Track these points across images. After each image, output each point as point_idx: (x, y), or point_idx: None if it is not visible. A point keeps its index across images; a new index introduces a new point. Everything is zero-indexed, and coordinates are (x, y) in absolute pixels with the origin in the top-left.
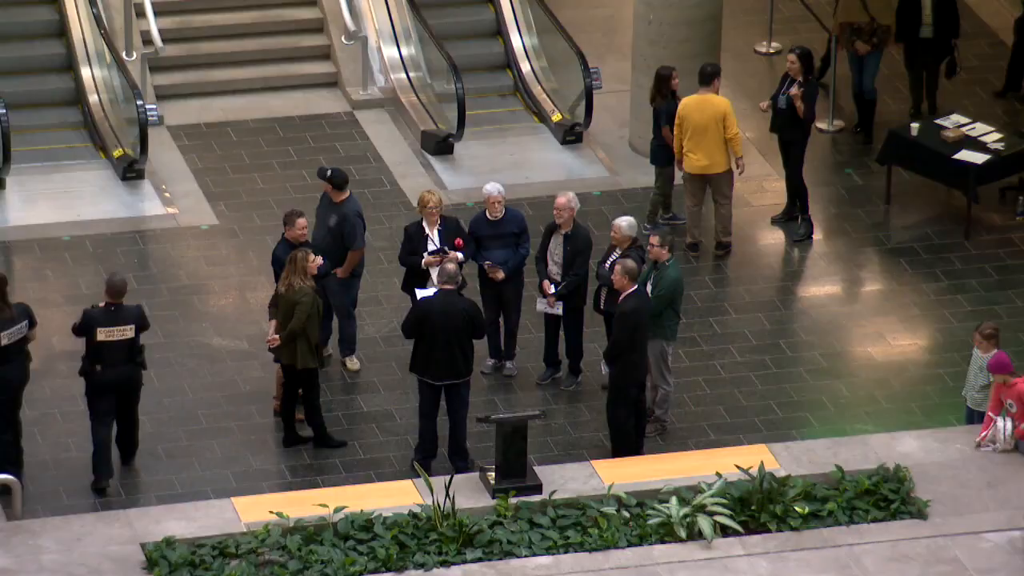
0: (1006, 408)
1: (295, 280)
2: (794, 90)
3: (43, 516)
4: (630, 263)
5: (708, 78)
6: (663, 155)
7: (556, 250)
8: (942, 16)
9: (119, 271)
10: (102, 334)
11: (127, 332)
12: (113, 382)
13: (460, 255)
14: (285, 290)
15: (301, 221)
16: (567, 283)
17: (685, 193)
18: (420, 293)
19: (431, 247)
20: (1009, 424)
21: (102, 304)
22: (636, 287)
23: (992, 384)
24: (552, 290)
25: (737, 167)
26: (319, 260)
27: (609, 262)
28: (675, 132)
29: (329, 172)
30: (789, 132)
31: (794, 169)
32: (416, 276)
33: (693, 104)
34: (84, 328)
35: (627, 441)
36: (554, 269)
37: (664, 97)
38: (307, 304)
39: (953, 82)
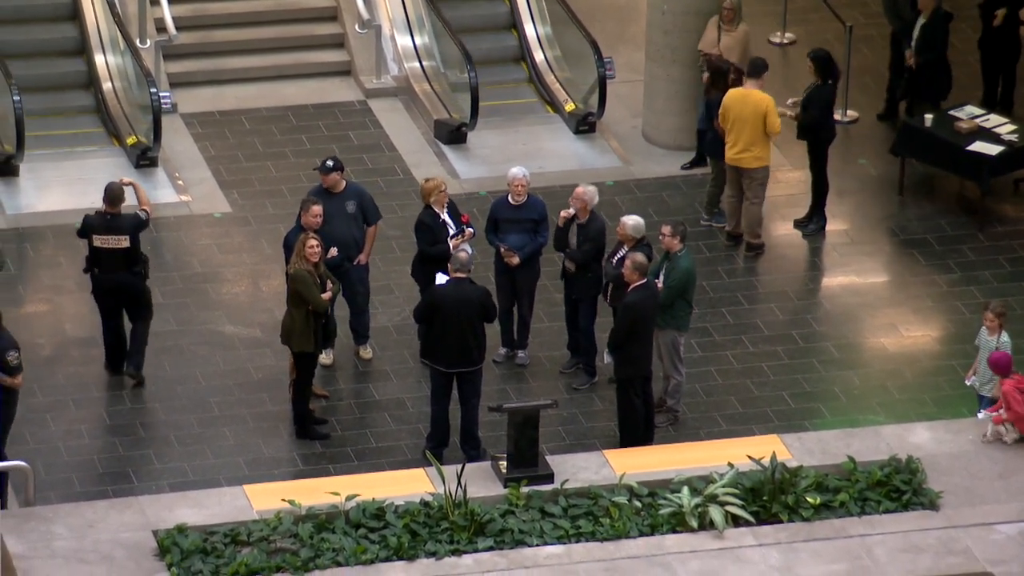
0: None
1: (296, 262)
2: (789, 103)
3: (55, 503)
4: (640, 258)
5: (760, 71)
6: (718, 147)
7: (571, 239)
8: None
9: (122, 169)
10: (98, 241)
11: (122, 242)
12: (111, 287)
13: (473, 230)
14: (292, 272)
15: (316, 208)
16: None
17: (727, 183)
18: (441, 278)
19: (451, 231)
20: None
21: (101, 210)
22: (645, 280)
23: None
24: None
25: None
26: (333, 251)
27: (617, 258)
28: (719, 123)
29: (332, 162)
30: (807, 133)
31: (815, 169)
32: (436, 264)
33: (737, 97)
34: (82, 232)
35: (635, 432)
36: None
37: (720, 90)
38: (306, 280)
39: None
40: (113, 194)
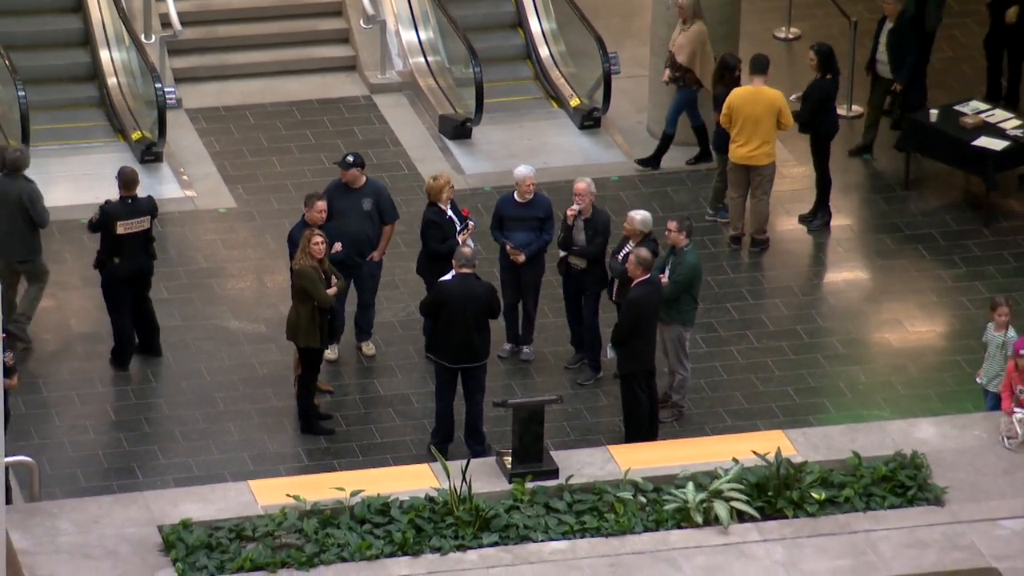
0: (1016, 395)
1: (300, 258)
2: (792, 98)
3: (60, 498)
4: (644, 253)
5: (764, 67)
6: (724, 141)
7: (578, 235)
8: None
9: (127, 164)
10: (122, 227)
11: (145, 223)
12: (130, 274)
13: (474, 223)
14: (297, 268)
15: (320, 204)
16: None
17: (730, 184)
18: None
19: (458, 227)
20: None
21: (118, 198)
22: (648, 276)
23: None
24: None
25: None
26: (338, 246)
27: (622, 254)
28: (721, 121)
29: (352, 158)
30: (806, 127)
31: (817, 164)
32: (446, 261)
33: (746, 95)
34: (102, 223)
35: (639, 428)
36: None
37: (727, 85)
38: (311, 277)
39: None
40: (128, 178)
